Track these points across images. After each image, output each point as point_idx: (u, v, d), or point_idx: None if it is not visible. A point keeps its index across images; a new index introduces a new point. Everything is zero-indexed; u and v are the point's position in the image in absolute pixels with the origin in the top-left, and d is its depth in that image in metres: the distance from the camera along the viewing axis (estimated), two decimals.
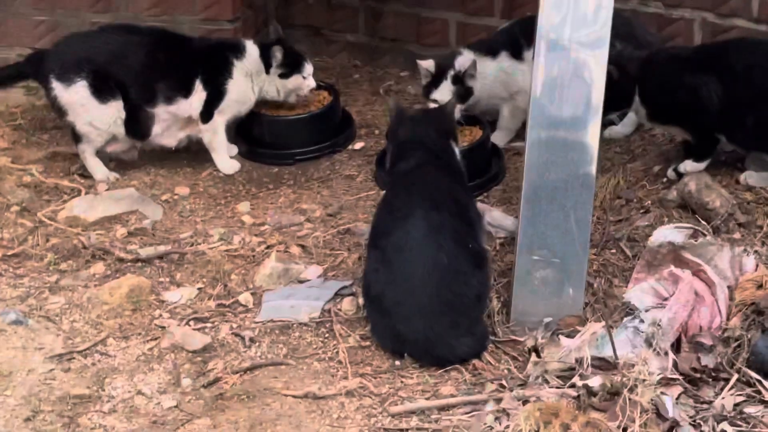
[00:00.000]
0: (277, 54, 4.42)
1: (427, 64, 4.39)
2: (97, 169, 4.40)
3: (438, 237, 3.34)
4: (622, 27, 3.82)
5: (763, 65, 3.79)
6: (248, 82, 4.43)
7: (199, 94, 4.33)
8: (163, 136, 4.40)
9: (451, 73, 4.33)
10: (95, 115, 4.28)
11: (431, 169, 3.58)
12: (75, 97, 4.27)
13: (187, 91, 4.33)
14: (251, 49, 4.45)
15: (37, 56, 4.38)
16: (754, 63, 3.80)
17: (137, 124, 4.34)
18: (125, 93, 4.28)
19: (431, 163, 3.60)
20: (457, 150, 3.74)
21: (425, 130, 3.68)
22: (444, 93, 4.32)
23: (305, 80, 4.50)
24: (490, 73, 4.41)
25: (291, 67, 4.47)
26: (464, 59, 4.36)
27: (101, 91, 4.25)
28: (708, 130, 3.91)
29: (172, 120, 4.36)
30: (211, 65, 4.37)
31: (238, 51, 4.42)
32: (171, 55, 4.34)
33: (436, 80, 4.37)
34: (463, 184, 3.67)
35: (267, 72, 4.45)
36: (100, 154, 4.42)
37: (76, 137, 4.36)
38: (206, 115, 4.37)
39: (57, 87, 4.27)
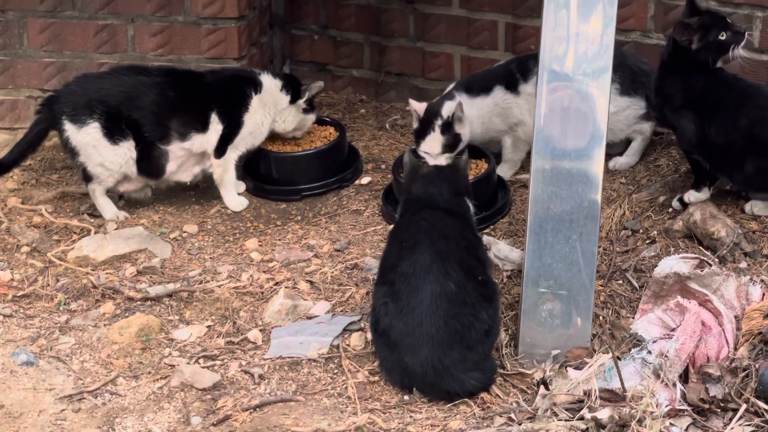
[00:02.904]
0: (314, 89, 4.56)
1: (418, 107, 4.40)
2: (107, 208, 4.43)
3: (446, 265, 3.36)
4: (615, 57, 3.83)
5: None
6: (264, 114, 4.48)
7: (215, 128, 4.37)
8: (178, 172, 4.43)
9: (438, 122, 4.31)
10: (106, 156, 4.31)
11: (441, 212, 3.60)
12: (86, 138, 4.30)
13: (202, 126, 4.36)
14: (268, 81, 4.51)
15: (48, 101, 4.40)
16: (762, 117, 3.82)
17: (150, 164, 4.36)
18: (138, 133, 4.30)
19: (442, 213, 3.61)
20: (471, 206, 3.72)
21: (438, 188, 3.66)
22: (433, 145, 4.31)
23: (313, 117, 4.63)
24: (484, 108, 4.43)
25: (311, 104, 4.60)
26: (450, 104, 4.34)
27: (113, 133, 4.29)
28: (703, 168, 3.94)
29: (186, 156, 4.40)
30: (226, 98, 4.42)
31: (256, 83, 4.49)
32: (184, 91, 4.38)
33: (423, 129, 4.35)
34: (473, 232, 3.66)
35: (293, 102, 4.51)
36: (110, 192, 4.46)
37: (87, 177, 4.40)
38: (220, 149, 4.41)
39: (69, 128, 4.30)
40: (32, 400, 3.40)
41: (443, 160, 4.27)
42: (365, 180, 4.65)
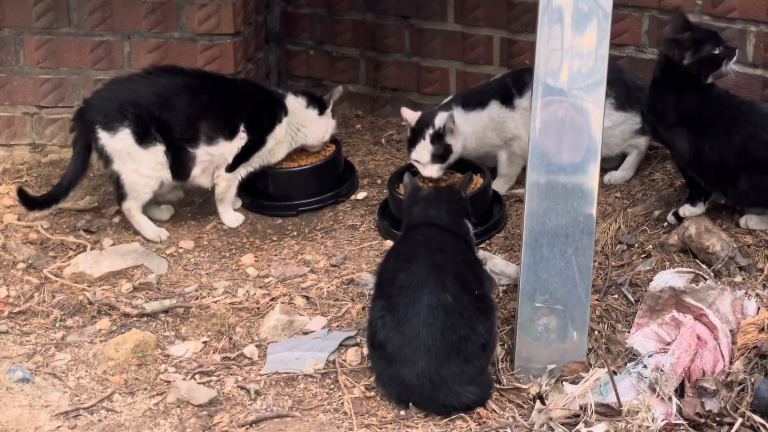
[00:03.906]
0: (336, 94, 4.62)
1: (410, 116, 4.44)
2: (147, 226, 4.39)
3: (442, 277, 3.36)
4: (611, 72, 3.86)
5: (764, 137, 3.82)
6: (284, 135, 4.52)
7: (240, 137, 4.39)
8: (201, 177, 4.43)
9: (430, 131, 4.34)
10: (141, 161, 4.29)
11: (439, 229, 3.61)
12: (120, 144, 4.28)
13: (230, 133, 4.37)
14: (292, 102, 4.56)
15: (79, 113, 4.37)
16: (756, 134, 3.82)
17: (179, 166, 4.35)
18: (169, 135, 4.29)
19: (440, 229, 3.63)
20: (470, 227, 3.73)
21: (438, 210, 3.67)
22: (422, 153, 4.33)
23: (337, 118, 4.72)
24: (479, 122, 4.45)
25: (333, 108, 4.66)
26: (443, 115, 4.36)
27: (145, 136, 4.27)
28: (698, 183, 3.95)
29: (209, 162, 4.40)
30: (257, 116, 4.44)
31: (284, 107, 4.52)
32: (216, 96, 4.39)
33: (414, 138, 4.38)
34: (472, 251, 3.67)
35: (321, 113, 4.57)
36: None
37: (121, 195, 4.35)
38: (233, 164, 4.42)
39: (103, 136, 4.28)
40: (28, 417, 3.40)
41: (434, 171, 4.29)
42: (361, 195, 4.66)
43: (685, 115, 3.87)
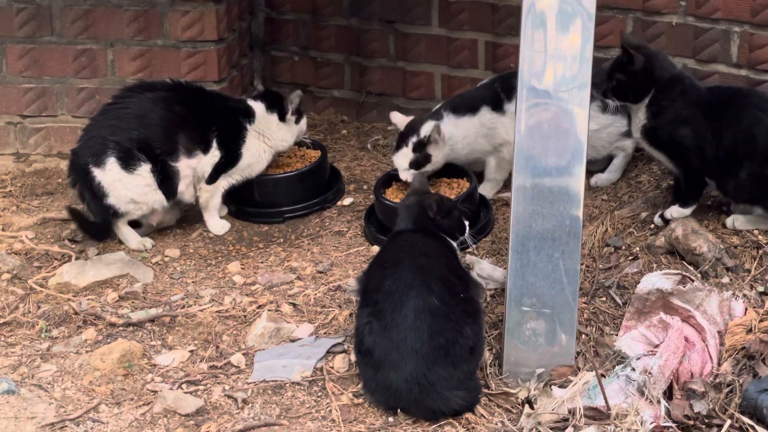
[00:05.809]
0: (295, 99, 4.51)
1: (399, 120, 4.45)
2: (131, 237, 4.38)
3: (428, 281, 3.35)
4: (596, 75, 3.85)
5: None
6: (260, 143, 4.47)
7: (213, 153, 4.36)
8: (185, 193, 4.41)
9: (414, 139, 4.36)
10: (131, 187, 4.25)
11: (421, 234, 3.60)
12: (110, 174, 4.24)
13: (206, 146, 4.35)
14: (256, 107, 4.49)
15: (71, 164, 4.33)
16: (760, 119, 3.81)
17: (167, 184, 4.32)
18: (152, 154, 4.25)
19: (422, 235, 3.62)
20: (449, 239, 3.68)
21: (406, 222, 3.66)
22: (402, 161, 4.38)
23: (305, 120, 4.61)
24: (470, 128, 4.45)
25: (299, 110, 4.56)
26: (429, 124, 4.37)
27: (129, 159, 4.23)
28: (698, 172, 3.91)
29: (192, 175, 4.37)
30: (227, 129, 4.40)
31: (250, 114, 4.46)
32: (190, 107, 4.35)
33: (398, 143, 4.42)
34: (455, 256, 3.65)
35: (282, 120, 4.49)
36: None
37: (115, 214, 4.32)
38: (212, 177, 4.39)
39: (97, 173, 4.24)
40: (14, 429, 3.37)
41: (411, 177, 4.29)
42: (347, 201, 4.64)
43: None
